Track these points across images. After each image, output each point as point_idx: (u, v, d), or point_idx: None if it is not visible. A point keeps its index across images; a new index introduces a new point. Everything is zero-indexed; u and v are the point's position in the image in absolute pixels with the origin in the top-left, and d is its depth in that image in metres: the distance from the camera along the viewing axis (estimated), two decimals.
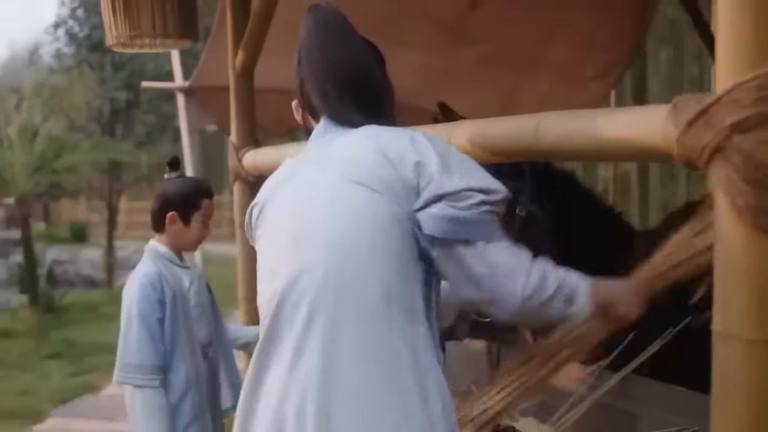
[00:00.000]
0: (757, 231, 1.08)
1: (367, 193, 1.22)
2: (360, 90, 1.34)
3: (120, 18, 2.60)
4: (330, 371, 1.20)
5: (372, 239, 1.21)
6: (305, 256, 1.25)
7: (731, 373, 1.12)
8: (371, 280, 1.21)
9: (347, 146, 1.30)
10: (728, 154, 1.09)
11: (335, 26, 1.36)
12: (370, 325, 1.20)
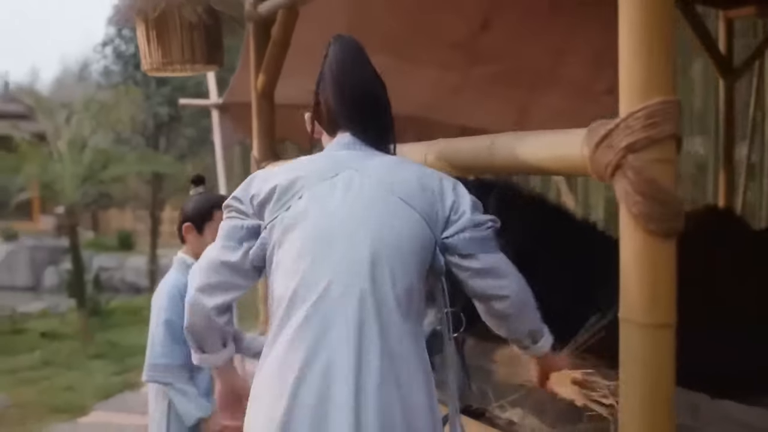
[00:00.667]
0: (648, 234, 1.30)
1: (410, 212, 1.45)
2: (378, 115, 1.58)
3: (153, 47, 2.90)
4: (360, 346, 1.39)
5: (411, 246, 1.45)
6: (347, 255, 1.43)
7: (631, 351, 1.34)
8: (404, 277, 1.44)
9: (392, 168, 1.52)
10: (625, 171, 1.32)
11: (358, 57, 1.58)
12: (392, 313, 1.42)
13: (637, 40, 1.33)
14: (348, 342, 1.39)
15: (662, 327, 1.32)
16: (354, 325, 1.39)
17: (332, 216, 1.45)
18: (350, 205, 1.45)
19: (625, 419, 1.35)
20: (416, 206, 1.46)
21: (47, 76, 34.22)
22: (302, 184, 1.49)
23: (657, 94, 1.30)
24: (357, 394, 1.37)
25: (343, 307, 1.41)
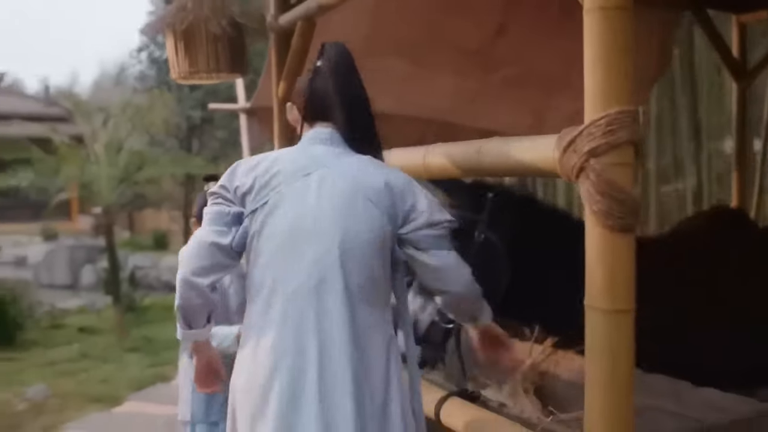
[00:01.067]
0: (607, 229, 1.46)
1: (375, 211, 1.64)
2: (362, 116, 1.76)
3: (181, 57, 3.11)
4: (325, 325, 1.61)
5: (373, 242, 1.64)
6: (319, 247, 1.63)
7: (595, 334, 1.49)
8: (366, 269, 1.64)
9: (362, 168, 1.70)
10: (587, 173, 1.47)
11: (349, 62, 1.77)
12: (364, 307, 1.65)
13: (598, 57, 1.48)
14: (319, 329, 1.61)
15: (621, 312, 1.47)
16: (324, 314, 1.61)
17: (306, 215, 1.64)
18: (322, 204, 1.64)
19: (589, 393, 1.51)
20: (380, 205, 1.65)
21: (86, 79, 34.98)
22: (280, 180, 1.66)
23: (615, 105, 1.45)
24: (322, 374, 1.60)
25: (316, 298, 1.62)
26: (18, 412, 5.31)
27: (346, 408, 1.59)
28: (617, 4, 1.47)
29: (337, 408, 1.59)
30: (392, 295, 1.80)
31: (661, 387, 2.16)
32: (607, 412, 1.48)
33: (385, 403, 1.65)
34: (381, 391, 1.65)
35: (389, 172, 1.73)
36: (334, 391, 1.59)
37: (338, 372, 1.60)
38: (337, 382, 1.60)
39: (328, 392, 1.59)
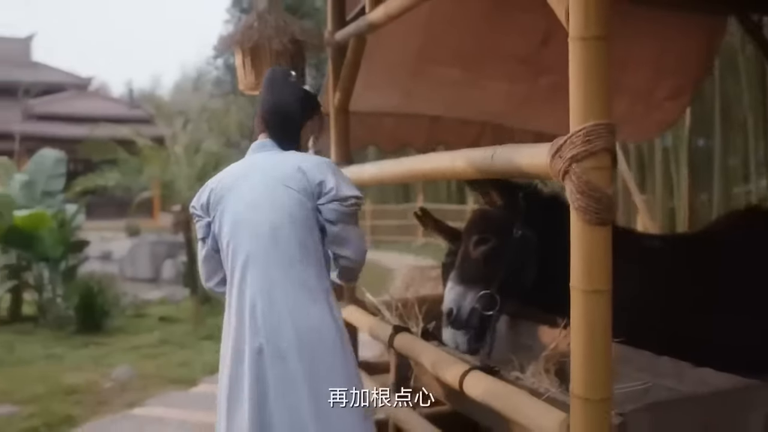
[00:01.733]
0: (586, 222, 1.73)
1: (291, 192, 2.11)
2: (283, 123, 2.25)
3: (248, 71, 3.48)
4: (268, 290, 2.10)
5: (294, 217, 2.11)
6: (256, 228, 2.12)
7: (576, 310, 1.77)
8: (294, 240, 2.11)
9: (282, 163, 2.18)
10: (570, 176, 1.75)
11: (276, 80, 2.30)
12: (296, 266, 2.11)
13: (578, 79, 1.76)
14: (262, 289, 2.10)
15: (598, 292, 1.74)
16: (268, 278, 2.09)
17: (243, 210, 2.15)
18: (255, 199, 2.12)
19: (573, 361, 1.79)
20: (295, 186, 2.11)
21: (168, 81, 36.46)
22: (228, 187, 2.18)
23: (592, 118, 1.72)
24: (269, 314, 2.09)
25: (259, 268, 2.11)
26: (105, 390, 5.83)
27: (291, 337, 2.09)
28: (596, 34, 1.74)
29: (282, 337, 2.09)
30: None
31: (666, 367, 2.41)
32: (587, 377, 1.75)
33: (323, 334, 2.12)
34: (318, 327, 2.11)
35: (303, 159, 2.19)
36: (280, 341, 2.08)
37: (281, 317, 2.09)
38: (282, 326, 2.08)
39: (275, 340, 2.09)
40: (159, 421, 4.93)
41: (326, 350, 2.10)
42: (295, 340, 2.07)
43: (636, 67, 4.74)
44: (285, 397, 2.05)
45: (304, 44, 3.53)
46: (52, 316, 8.59)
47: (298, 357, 2.06)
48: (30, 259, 8.89)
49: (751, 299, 2.81)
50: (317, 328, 2.10)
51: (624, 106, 5.01)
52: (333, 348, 2.12)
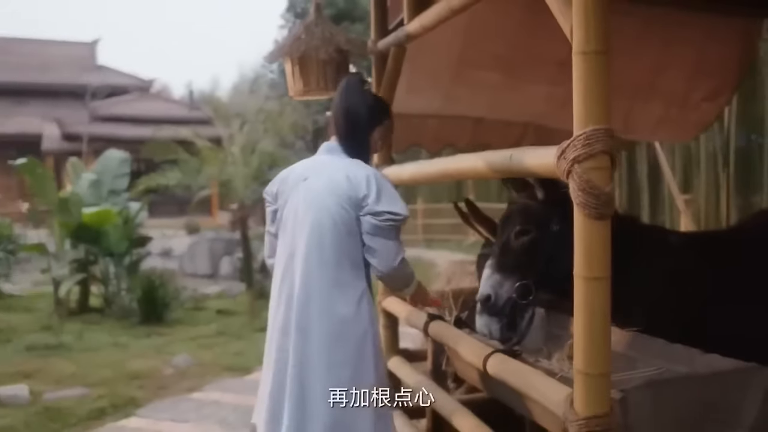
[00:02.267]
0: (586, 217, 1.95)
1: (338, 200, 2.33)
2: (352, 128, 2.49)
3: (296, 78, 3.77)
4: (306, 284, 2.34)
5: (336, 223, 2.34)
6: (304, 227, 2.36)
7: (578, 296, 1.98)
8: (334, 244, 2.33)
9: (337, 170, 2.41)
10: (573, 175, 1.96)
11: (349, 87, 2.52)
12: (332, 267, 2.33)
13: (579, 88, 1.98)
14: (302, 283, 2.34)
15: (597, 279, 1.95)
16: (307, 274, 2.33)
17: (295, 209, 2.38)
18: (308, 198, 2.36)
19: (576, 341, 2.00)
20: (341, 194, 2.31)
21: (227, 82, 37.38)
22: (292, 182, 2.43)
23: (592, 124, 1.94)
24: (304, 305, 2.33)
25: (302, 263, 2.35)
26: (166, 376, 6.21)
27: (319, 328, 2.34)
28: (596, 49, 1.95)
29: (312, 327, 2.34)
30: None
31: (679, 354, 2.59)
32: (588, 353, 1.96)
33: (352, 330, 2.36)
34: (351, 323, 2.34)
35: (355, 168, 2.38)
36: (309, 324, 2.32)
37: (313, 312, 2.33)
38: (312, 320, 2.32)
39: (307, 333, 2.33)
40: (215, 404, 5.27)
41: (350, 347, 2.33)
42: (323, 335, 2.32)
43: (672, 70, 4.85)
44: (300, 375, 2.32)
45: (349, 53, 3.80)
46: (117, 308, 9.09)
47: (323, 349, 2.31)
48: (97, 253, 9.40)
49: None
50: (344, 325, 2.33)
51: (660, 108, 5.12)
52: (356, 346, 2.34)
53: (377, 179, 2.38)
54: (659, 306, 2.94)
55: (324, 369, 2.31)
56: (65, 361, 6.62)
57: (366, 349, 2.35)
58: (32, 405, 5.24)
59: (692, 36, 4.67)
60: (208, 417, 4.97)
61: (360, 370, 2.33)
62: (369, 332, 2.37)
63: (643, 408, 2.13)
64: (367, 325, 2.37)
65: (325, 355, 2.30)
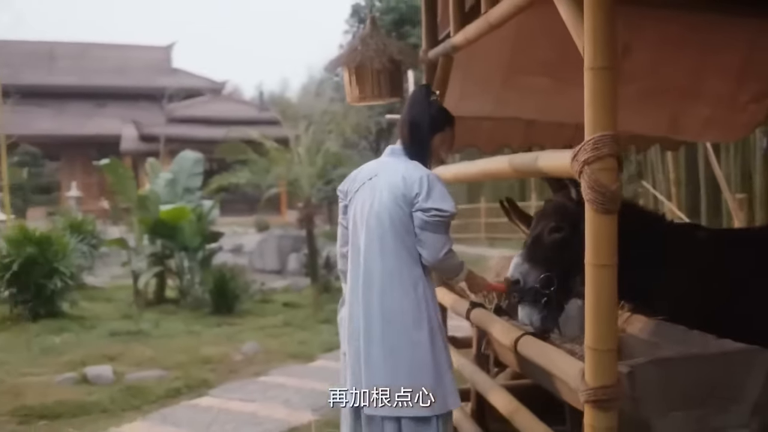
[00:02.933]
0: (596, 212, 2.22)
1: (395, 197, 2.63)
2: (413, 135, 2.79)
3: (353, 86, 4.11)
4: (370, 272, 2.66)
5: (393, 218, 2.64)
6: (369, 222, 2.67)
7: (588, 281, 2.26)
8: (391, 237, 2.63)
9: (396, 171, 2.67)
10: (584, 175, 2.24)
11: (415, 97, 2.85)
12: (390, 257, 2.64)
13: (589, 99, 2.26)
14: (366, 270, 2.68)
15: (604, 266, 2.23)
16: (371, 263, 2.67)
17: (362, 206, 2.70)
18: (372, 196, 2.67)
19: (587, 320, 2.28)
20: (397, 193, 2.61)
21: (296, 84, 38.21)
22: (358, 184, 2.74)
23: (600, 130, 2.22)
24: (367, 292, 2.67)
25: (366, 253, 2.68)
26: (235, 361, 6.68)
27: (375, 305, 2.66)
28: (603, 65, 2.23)
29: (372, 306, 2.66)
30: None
31: (695, 339, 2.83)
32: (597, 331, 2.24)
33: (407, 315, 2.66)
34: (399, 309, 2.65)
35: (411, 170, 2.68)
36: (386, 310, 2.64)
37: (388, 301, 2.65)
38: (388, 305, 2.65)
39: (379, 307, 2.66)
40: (280, 387, 5.68)
41: (402, 328, 2.65)
42: (380, 317, 2.65)
43: (718, 73, 4.96)
44: (366, 344, 2.66)
45: (402, 62, 4.13)
46: (191, 299, 9.68)
47: (381, 330, 2.65)
48: (172, 248, 10.01)
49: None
50: (399, 309, 2.65)
51: (707, 110, 5.23)
52: (409, 327, 2.65)
53: (429, 180, 2.66)
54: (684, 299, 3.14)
55: (391, 347, 2.65)
56: (144, 346, 7.17)
57: (422, 333, 2.66)
58: (116, 384, 5.75)
59: (737, 40, 4.79)
60: (273, 398, 5.38)
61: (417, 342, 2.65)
62: (424, 312, 2.68)
63: (650, 382, 2.39)
64: (423, 307, 2.68)
65: (390, 330, 2.65)
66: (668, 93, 5.06)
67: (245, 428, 4.64)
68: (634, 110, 5.35)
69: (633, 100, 5.20)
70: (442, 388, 2.67)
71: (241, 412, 5.02)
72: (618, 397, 2.23)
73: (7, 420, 4.87)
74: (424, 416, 2.61)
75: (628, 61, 4.90)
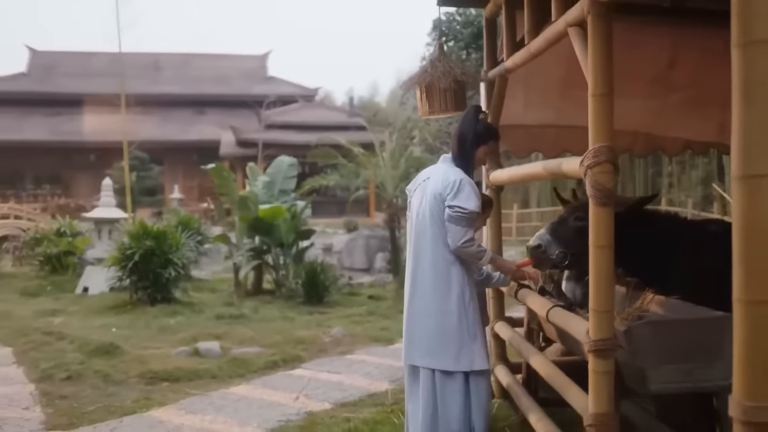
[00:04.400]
0: (596, 205, 2.89)
1: (435, 196, 3.37)
2: (459, 147, 3.52)
3: (423, 102, 4.83)
4: (418, 266, 3.41)
5: (433, 213, 3.38)
6: (418, 216, 3.43)
7: (591, 259, 2.93)
8: (431, 228, 3.38)
9: (441, 175, 3.41)
10: (588, 177, 2.92)
11: (466, 115, 3.60)
12: (430, 244, 3.37)
13: (591, 118, 2.94)
14: (416, 255, 3.42)
15: (602, 247, 2.90)
16: (420, 249, 3.42)
17: (420, 200, 3.43)
18: (422, 195, 3.40)
19: (591, 288, 2.95)
20: (437, 193, 3.33)
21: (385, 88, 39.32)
22: (418, 183, 3.49)
23: (599, 141, 2.89)
24: (419, 273, 3.40)
25: (416, 241, 3.42)
26: (324, 342, 7.53)
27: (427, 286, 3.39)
28: (602, 92, 2.91)
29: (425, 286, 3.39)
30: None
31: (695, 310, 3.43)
32: (597, 296, 2.91)
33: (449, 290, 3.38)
34: (441, 281, 3.37)
35: (451, 174, 3.40)
36: (424, 283, 3.40)
37: (426, 276, 3.38)
38: (424, 286, 3.39)
39: (417, 287, 3.41)
40: (362, 363, 6.49)
41: (435, 300, 3.40)
42: (420, 289, 3.44)
43: None
44: (413, 310, 3.48)
45: (465, 82, 4.85)
46: (285, 290, 10.66)
47: (420, 299, 3.44)
48: (269, 244, 11.03)
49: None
50: (432, 285, 3.41)
51: None
52: (440, 299, 3.40)
53: (461, 183, 3.38)
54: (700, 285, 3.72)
55: (425, 312, 3.42)
56: (245, 328, 8.14)
57: (452, 296, 3.42)
58: (223, 357, 6.70)
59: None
60: (356, 371, 6.18)
61: (446, 311, 3.40)
62: (456, 287, 3.43)
63: (643, 339, 3.04)
64: (453, 284, 3.43)
65: (425, 299, 3.42)
66: (713, 101, 5.57)
67: (332, 393, 5.45)
68: (681, 117, 5.93)
69: (678, 108, 5.79)
70: (468, 350, 3.41)
71: (328, 381, 5.85)
72: (613, 348, 2.91)
73: (137, 381, 5.87)
74: (450, 371, 3.36)
75: (674, 74, 5.52)
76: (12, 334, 7.81)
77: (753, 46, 1.85)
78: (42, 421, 4.81)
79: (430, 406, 3.40)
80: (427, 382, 3.41)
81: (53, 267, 12.64)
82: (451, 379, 3.39)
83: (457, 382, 3.40)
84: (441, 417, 3.41)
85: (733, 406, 1.94)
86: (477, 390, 3.47)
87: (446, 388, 3.40)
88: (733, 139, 1.89)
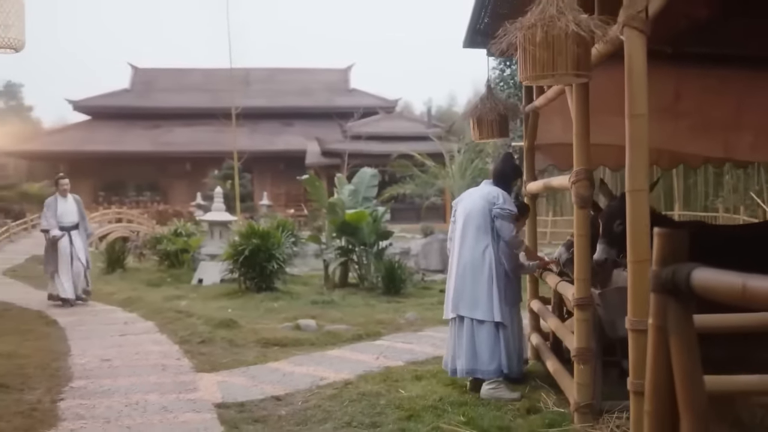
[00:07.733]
0: (577, 207, 4.34)
1: (483, 199, 5.01)
2: (500, 179, 5.18)
3: (475, 129, 6.35)
4: (462, 248, 4.99)
5: (479, 211, 5.02)
6: (464, 213, 5.07)
7: (576, 245, 4.38)
8: (475, 222, 5.01)
9: (486, 189, 5.07)
10: (573, 189, 4.38)
11: (504, 157, 5.29)
12: (473, 230, 4.98)
13: (576, 150, 4.41)
14: (461, 244, 5.02)
15: (582, 235, 4.36)
16: (464, 238, 5.05)
17: (464, 205, 5.07)
18: (470, 201, 5.02)
19: (575, 264, 4.41)
20: (485, 198, 5.01)
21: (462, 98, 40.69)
22: (464, 196, 5.12)
23: (579, 165, 4.36)
24: (459, 261, 4.96)
25: (461, 233, 5.05)
26: (400, 323, 9.07)
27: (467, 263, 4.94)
28: (580, 133, 4.38)
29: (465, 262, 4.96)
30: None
31: None
32: (578, 270, 4.38)
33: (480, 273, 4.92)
34: (478, 261, 4.92)
35: (494, 190, 5.00)
36: (466, 257, 4.96)
37: (467, 260, 4.95)
38: (466, 261, 4.95)
39: (461, 262, 4.95)
40: (430, 336, 8.04)
41: (472, 268, 4.96)
42: (463, 262, 4.98)
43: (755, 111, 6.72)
44: (458, 287, 5.00)
45: (508, 115, 6.35)
46: (368, 283, 12.30)
47: (462, 268, 4.97)
48: (354, 243, 12.70)
49: None
50: (471, 259, 4.97)
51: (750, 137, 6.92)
52: (476, 269, 4.97)
53: (503, 195, 5.07)
54: None
55: (467, 292, 4.97)
56: (335, 311, 9.80)
57: (484, 274, 4.96)
58: (318, 331, 8.36)
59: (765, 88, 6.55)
60: (425, 342, 7.73)
61: (483, 285, 4.95)
62: (488, 267, 4.98)
63: (613, 300, 4.48)
64: (488, 264, 4.99)
65: (465, 276, 4.97)
66: (715, 126, 6.83)
67: (404, 355, 7.00)
68: (690, 138, 7.21)
69: (687, 131, 7.08)
70: (493, 306, 4.95)
71: (402, 348, 7.41)
72: (589, 304, 4.37)
73: (254, 345, 7.58)
74: (480, 319, 4.90)
75: (680, 104, 6.84)
76: (150, 313, 9.73)
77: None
78: (192, 366, 6.55)
79: (472, 345, 4.95)
80: (469, 327, 4.96)
81: (171, 262, 14.76)
82: (481, 326, 4.93)
83: (485, 328, 4.93)
84: (478, 353, 4.94)
85: (629, 322, 3.40)
86: (505, 336, 4.99)
87: (481, 332, 4.93)
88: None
